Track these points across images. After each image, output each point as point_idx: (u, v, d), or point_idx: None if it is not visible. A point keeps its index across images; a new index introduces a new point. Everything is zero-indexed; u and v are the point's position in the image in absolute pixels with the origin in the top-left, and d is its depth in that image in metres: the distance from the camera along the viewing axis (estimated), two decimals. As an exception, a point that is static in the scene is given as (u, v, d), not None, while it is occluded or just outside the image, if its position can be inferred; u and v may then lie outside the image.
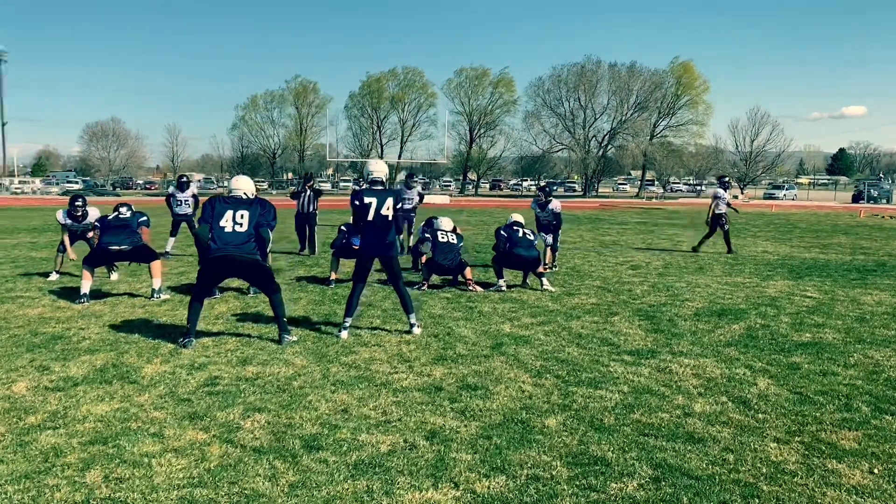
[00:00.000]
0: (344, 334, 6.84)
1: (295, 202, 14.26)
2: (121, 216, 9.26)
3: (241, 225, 6.46)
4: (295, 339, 6.67)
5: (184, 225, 13.68)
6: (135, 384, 5.31)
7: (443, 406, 4.84)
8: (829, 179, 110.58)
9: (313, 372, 5.64)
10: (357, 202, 6.83)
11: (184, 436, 4.27)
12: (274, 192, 64.77)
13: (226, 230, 6.45)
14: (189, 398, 4.98)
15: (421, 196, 15.31)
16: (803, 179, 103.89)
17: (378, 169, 7.05)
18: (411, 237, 14.31)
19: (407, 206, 14.60)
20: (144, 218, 9.40)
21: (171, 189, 14.05)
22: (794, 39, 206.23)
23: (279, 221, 7.06)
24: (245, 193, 6.69)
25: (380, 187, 6.96)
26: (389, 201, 6.82)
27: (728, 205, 15.76)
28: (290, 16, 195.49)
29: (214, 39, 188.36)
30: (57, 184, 74.25)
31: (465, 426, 4.46)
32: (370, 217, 6.78)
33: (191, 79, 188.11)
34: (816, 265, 13.13)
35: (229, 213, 6.48)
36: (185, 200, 13.56)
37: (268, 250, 6.83)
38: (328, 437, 4.26)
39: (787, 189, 67.63)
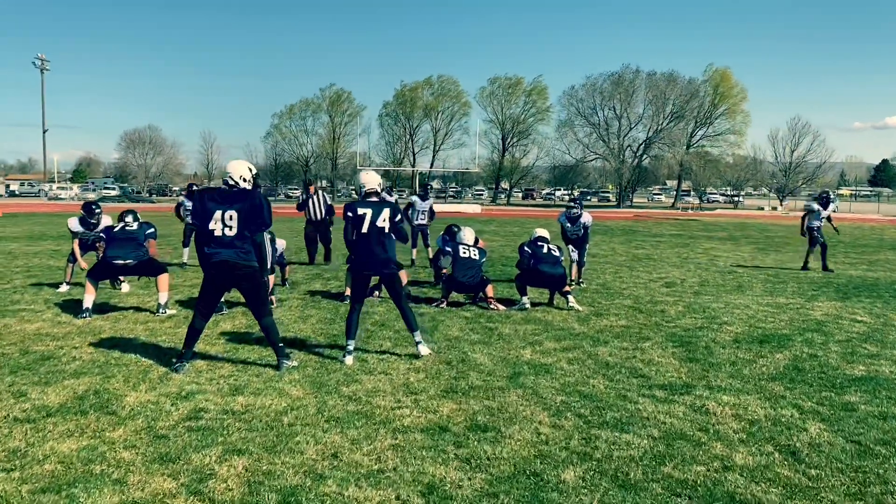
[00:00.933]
0: (349, 359, 6.31)
1: (303, 212, 13.87)
2: (127, 228, 8.86)
3: (230, 227, 5.77)
4: (295, 364, 6.15)
5: None
6: (112, 415, 4.84)
7: (446, 452, 4.27)
8: (871, 191, 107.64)
9: (308, 405, 5.10)
10: (350, 213, 6.34)
11: (149, 483, 3.76)
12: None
13: (215, 233, 5.77)
14: (166, 434, 4.48)
15: (432, 211, 14.61)
16: (845, 191, 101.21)
17: (370, 180, 6.55)
18: (429, 249, 13.80)
19: (421, 220, 14.12)
20: (152, 230, 8.98)
21: (180, 198, 13.63)
22: (835, 48, 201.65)
23: (293, 234, 6.57)
24: (237, 179, 5.93)
25: (375, 199, 6.45)
26: (386, 213, 6.32)
27: (828, 219, 14.83)
28: (326, 25, 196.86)
29: (250, 48, 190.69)
30: (94, 190, 75.44)
31: (469, 479, 3.89)
32: (364, 229, 6.28)
33: (227, 87, 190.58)
34: (865, 284, 12.29)
35: (217, 214, 5.78)
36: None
37: (266, 257, 6.18)
38: (310, 491, 3.71)
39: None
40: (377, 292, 9.58)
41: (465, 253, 9.42)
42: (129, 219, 8.93)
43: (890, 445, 4.50)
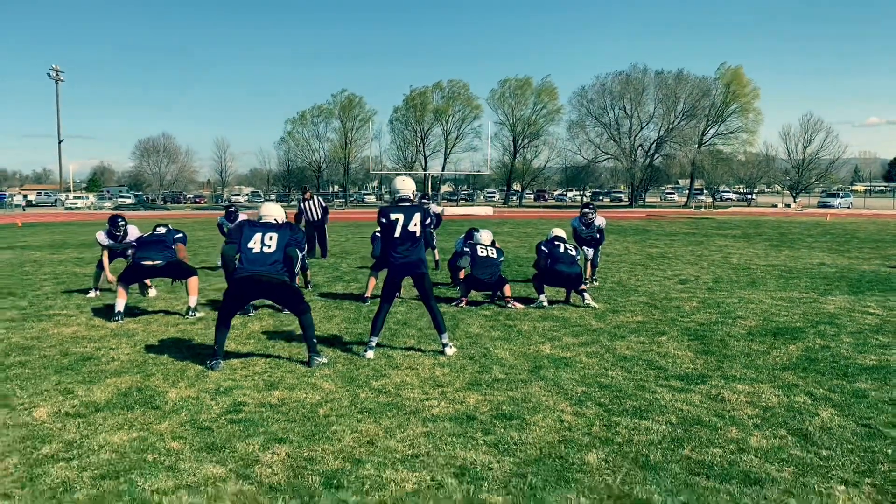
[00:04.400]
0: (370, 353, 6.62)
1: (301, 217, 15.36)
2: (156, 233, 9.20)
3: (269, 247, 6.37)
4: (325, 360, 6.43)
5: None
6: (157, 410, 5.12)
7: (475, 438, 4.52)
8: (886, 186, 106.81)
9: (341, 398, 5.37)
10: (384, 219, 6.66)
11: (200, 470, 4.03)
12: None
13: (253, 251, 6.34)
14: (210, 426, 4.76)
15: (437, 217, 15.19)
16: (859, 187, 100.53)
17: (405, 187, 6.86)
18: (436, 251, 14.13)
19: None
20: (180, 235, 9.29)
21: (219, 219, 14.39)
22: (848, 43, 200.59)
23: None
24: (276, 219, 6.68)
25: (407, 204, 6.76)
26: (417, 217, 6.62)
27: None
28: (338, 31, 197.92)
29: (263, 56, 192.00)
30: (110, 198, 76.29)
31: (498, 462, 4.13)
32: (397, 234, 6.60)
33: (240, 94, 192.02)
34: (878, 279, 12.42)
35: (258, 236, 6.40)
36: None
37: (296, 269, 6.64)
38: (350, 474, 3.97)
39: (842, 197, 65.44)
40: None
41: (482, 252, 9.68)
42: (160, 229, 9.28)
43: (899, 428, 4.69)
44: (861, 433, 4.61)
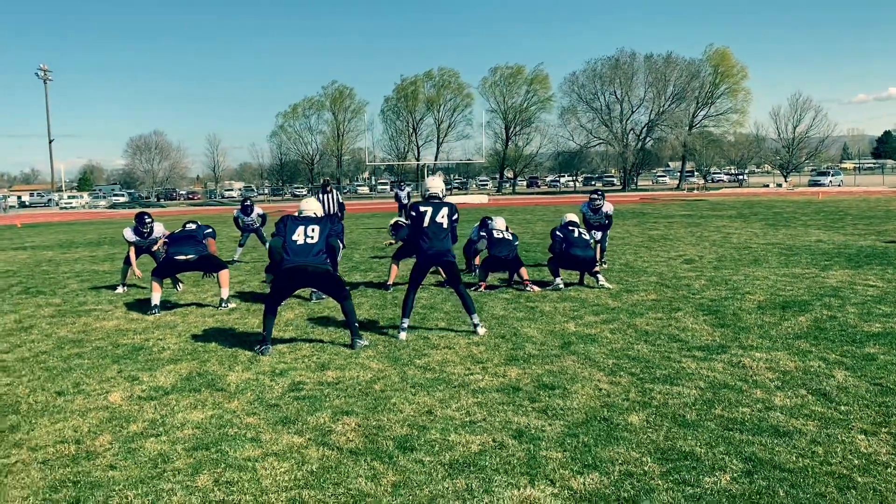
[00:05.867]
0: (403, 335, 7.08)
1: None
2: (187, 229, 9.59)
3: (312, 238, 6.81)
4: (366, 343, 6.84)
5: (252, 236, 14.62)
6: (222, 391, 5.52)
7: (524, 406, 4.95)
8: (875, 163, 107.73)
9: (391, 375, 5.79)
10: (413, 213, 7.30)
11: (280, 440, 4.44)
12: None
13: (298, 242, 6.77)
14: (277, 404, 5.16)
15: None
16: (848, 164, 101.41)
17: (434, 185, 7.54)
18: None
19: None
20: (210, 230, 9.69)
21: (235, 213, 14.71)
22: (835, 20, 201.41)
23: None
24: (315, 213, 7.22)
25: (436, 200, 7.38)
26: (444, 210, 7.23)
27: None
28: (326, 21, 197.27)
29: (251, 49, 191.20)
30: (104, 197, 76.21)
31: (550, 425, 4.56)
32: (426, 224, 7.18)
33: (230, 89, 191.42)
34: (875, 253, 12.91)
35: (301, 229, 6.84)
36: (251, 223, 14.27)
37: (338, 258, 7.06)
38: (419, 438, 4.39)
39: (832, 175, 66.16)
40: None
41: (498, 235, 10.12)
42: (190, 225, 9.70)
43: (908, 385, 5.15)
44: (874, 391, 5.06)
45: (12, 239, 24.91)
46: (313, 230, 6.85)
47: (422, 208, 7.25)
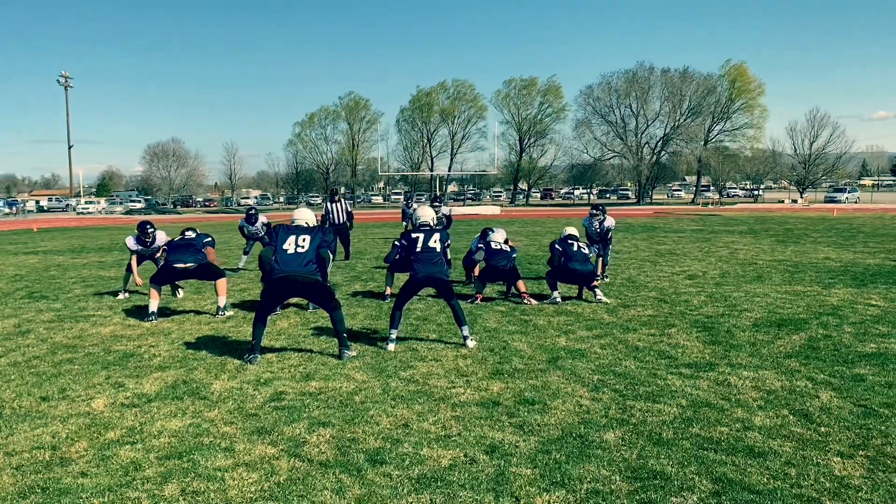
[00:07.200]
0: (391, 346, 7.09)
1: (326, 219, 15.62)
2: (186, 237, 9.66)
3: (302, 247, 6.85)
4: (354, 353, 6.85)
5: (257, 245, 14.70)
6: (205, 400, 5.54)
7: (501, 421, 4.93)
8: (894, 181, 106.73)
9: (374, 387, 5.79)
10: (405, 241, 7.53)
11: (254, 450, 4.45)
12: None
13: (288, 252, 6.82)
14: (257, 413, 5.18)
15: (447, 219, 15.82)
16: (867, 181, 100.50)
17: (425, 214, 7.78)
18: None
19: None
20: (209, 238, 9.76)
21: (240, 222, 14.82)
22: (855, 36, 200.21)
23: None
24: (307, 223, 7.22)
25: (427, 228, 7.59)
26: (436, 236, 7.43)
27: None
28: (344, 32, 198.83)
29: (271, 59, 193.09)
30: (121, 203, 77.00)
31: (525, 441, 4.54)
32: (418, 248, 7.35)
33: (248, 98, 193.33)
34: (882, 272, 12.76)
35: (291, 238, 6.90)
36: (255, 232, 14.37)
37: (328, 270, 7.08)
38: (391, 451, 4.39)
39: (849, 192, 65.57)
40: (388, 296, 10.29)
41: (497, 247, 10.13)
42: (189, 233, 9.76)
43: (893, 407, 5.08)
44: (857, 412, 5.00)
45: (27, 243, 25.19)
46: (304, 240, 6.88)
47: (413, 235, 7.46)
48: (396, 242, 10.68)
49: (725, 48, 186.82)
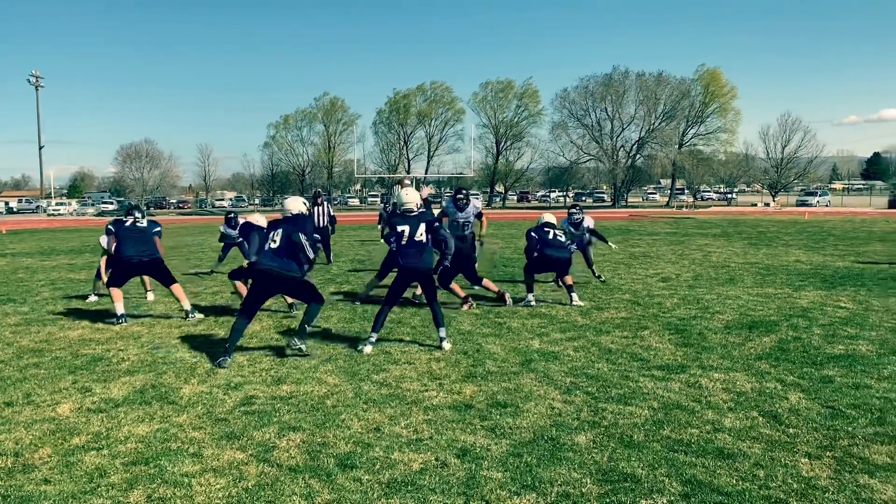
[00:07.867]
0: (367, 348, 7.04)
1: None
2: (137, 224, 9.26)
3: (274, 242, 6.83)
4: (304, 347, 6.81)
5: (234, 250, 14.51)
6: (173, 405, 5.46)
7: (473, 424, 4.91)
8: (864, 184, 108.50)
9: (346, 390, 5.74)
10: (391, 233, 7.22)
11: (222, 456, 4.39)
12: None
13: (265, 248, 6.87)
14: (226, 418, 5.11)
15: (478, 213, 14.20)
16: (837, 185, 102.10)
17: (409, 199, 7.30)
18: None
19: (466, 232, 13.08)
20: (158, 228, 9.41)
21: (221, 228, 14.50)
22: (827, 42, 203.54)
23: None
24: (289, 212, 7.09)
25: (411, 214, 7.23)
26: (422, 227, 7.11)
27: None
28: (319, 33, 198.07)
29: (245, 59, 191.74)
30: (93, 205, 75.90)
31: (496, 444, 4.52)
32: (404, 242, 7.10)
33: (222, 99, 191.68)
34: (850, 274, 12.95)
35: (269, 235, 6.94)
36: (235, 237, 14.17)
37: (311, 256, 6.87)
38: (361, 455, 4.35)
39: (820, 195, 66.55)
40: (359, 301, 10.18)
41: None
42: (137, 214, 9.39)
43: (859, 409, 5.14)
44: (825, 413, 5.05)
45: (-6, 245, 24.72)
46: (276, 234, 6.89)
47: (399, 227, 7.16)
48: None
49: (699, 53, 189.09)
